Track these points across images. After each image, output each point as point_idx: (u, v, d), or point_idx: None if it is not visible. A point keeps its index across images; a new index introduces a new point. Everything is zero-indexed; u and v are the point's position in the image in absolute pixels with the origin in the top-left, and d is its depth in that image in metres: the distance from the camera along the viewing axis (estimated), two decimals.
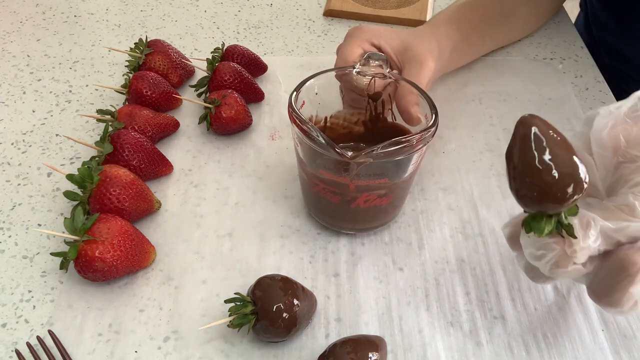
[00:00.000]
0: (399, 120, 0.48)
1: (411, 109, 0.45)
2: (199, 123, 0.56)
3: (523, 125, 0.30)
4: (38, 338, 0.41)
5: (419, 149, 0.41)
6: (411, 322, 0.42)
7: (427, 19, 0.71)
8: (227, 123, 0.54)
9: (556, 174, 0.29)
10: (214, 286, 0.44)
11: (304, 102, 0.45)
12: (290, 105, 0.43)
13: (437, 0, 0.76)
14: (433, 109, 0.43)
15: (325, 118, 0.49)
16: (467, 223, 0.49)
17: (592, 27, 0.77)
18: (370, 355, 0.37)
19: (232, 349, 0.40)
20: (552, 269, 0.33)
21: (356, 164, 0.40)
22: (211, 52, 0.59)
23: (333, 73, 0.47)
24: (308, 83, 0.45)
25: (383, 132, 0.50)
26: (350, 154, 0.39)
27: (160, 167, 0.51)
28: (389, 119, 0.49)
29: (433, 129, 0.41)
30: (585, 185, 0.30)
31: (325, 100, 0.48)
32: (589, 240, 0.31)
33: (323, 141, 0.40)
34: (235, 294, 0.40)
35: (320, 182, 0.44)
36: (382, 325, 0.42)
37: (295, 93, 0.44)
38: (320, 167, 0.44)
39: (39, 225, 0.48)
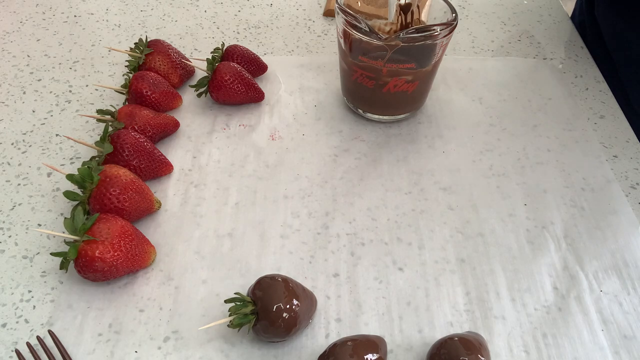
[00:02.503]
0: None
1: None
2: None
3: None
4: (38, 338, 0.41)
5: (440, 39, 0.50)
6: (411, 322, 0.42)
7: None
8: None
9: None
10: (214, 286, 0.44)
11: None
12: (337, 2, 0.52)
13: None
14: (454, 11, 0.52)
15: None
16: (467, 223, 0.49)
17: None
18: (370, 355, 0.37)
19: (232, 349, 0.40)
20: None
21: (389, 48, 0.49)
22: (211, 52, 0.59)
23: None
24: None
25: None
26: (384, 37, 0.48)
27: (160, 167, 0.51)
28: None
29: (454, 23, 0.51)
30: None
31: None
32: None
33: (366, 27, 0.49)
34: (235, 294, 0.40)
35: (359, 69, 0.53)
36: (382, 325, 0.42)
37: None
38: (360, 54, 0.52)
39: (39, 225, 0.48)
